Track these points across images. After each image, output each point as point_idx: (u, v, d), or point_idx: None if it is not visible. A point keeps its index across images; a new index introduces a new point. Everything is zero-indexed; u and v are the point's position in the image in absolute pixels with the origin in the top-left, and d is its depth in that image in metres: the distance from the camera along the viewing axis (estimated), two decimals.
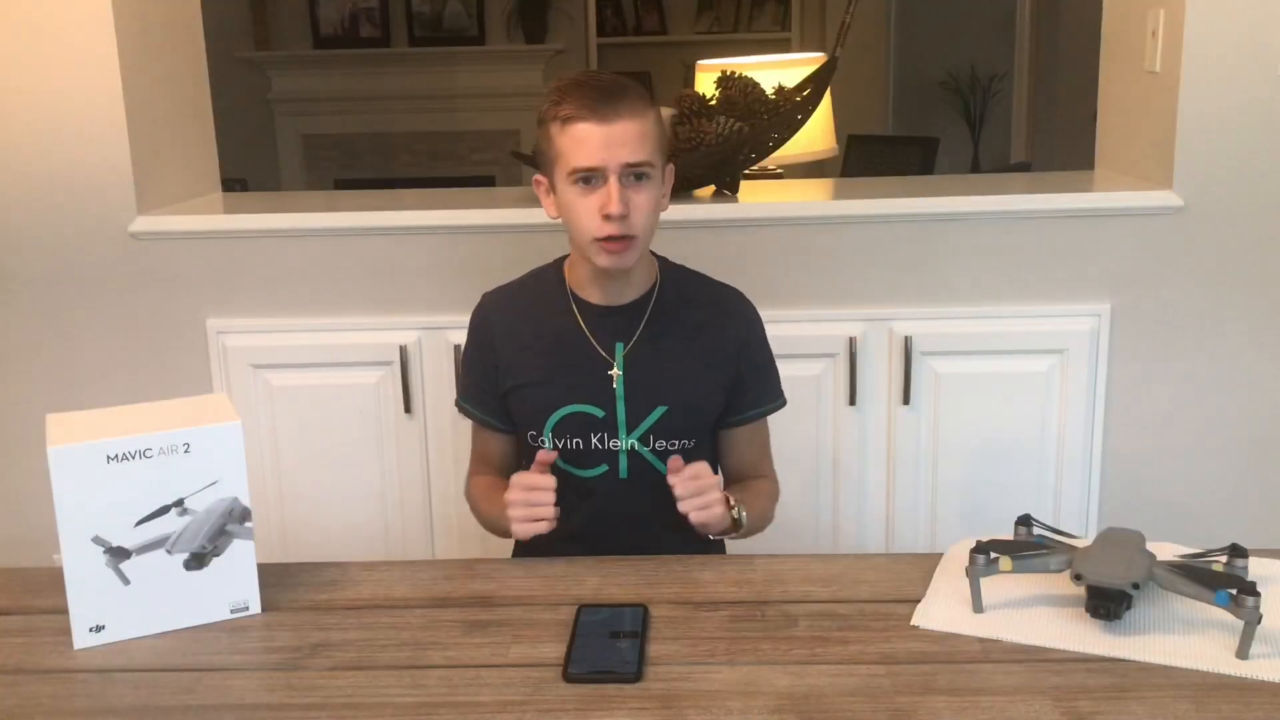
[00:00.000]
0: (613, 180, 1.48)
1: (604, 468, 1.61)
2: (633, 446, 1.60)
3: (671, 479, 1.47)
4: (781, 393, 1.71)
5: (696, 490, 1.47)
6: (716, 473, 1.74)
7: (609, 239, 1.50)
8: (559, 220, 1.58)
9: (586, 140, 1.48)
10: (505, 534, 1.61)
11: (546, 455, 1.51)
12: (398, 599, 1.39)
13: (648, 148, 1.51)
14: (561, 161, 1.51)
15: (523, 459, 1.70)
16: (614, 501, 1.62)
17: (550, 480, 1.47)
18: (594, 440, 1.59)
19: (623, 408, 1.59)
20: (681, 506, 1.46)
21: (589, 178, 1.50)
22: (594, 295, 1.61)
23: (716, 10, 6.65)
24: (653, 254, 1.64)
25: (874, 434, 2.39)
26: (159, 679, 1.23)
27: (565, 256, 1.66)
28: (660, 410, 1.59)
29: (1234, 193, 2.32)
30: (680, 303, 1.64)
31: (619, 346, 1.60)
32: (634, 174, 1.50)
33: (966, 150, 6.56)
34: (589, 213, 1.50)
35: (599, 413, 1.59)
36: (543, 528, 1.47)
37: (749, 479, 1.70)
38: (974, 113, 6.56)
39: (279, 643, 1.29)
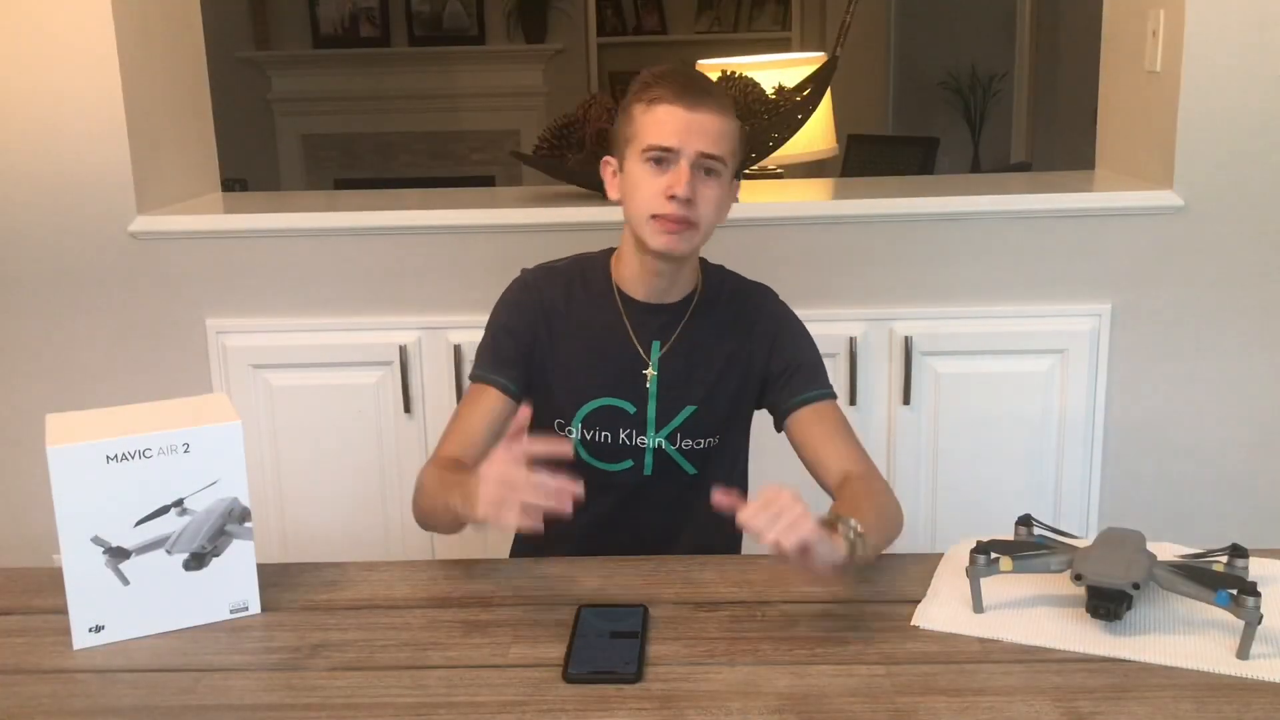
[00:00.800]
0: (684, 164, 1.48)
1: (629, 463, 1.60)
2: (660, 444, 1.59)
3: (742, 519, 1.22)
4: (827, 385, 1.62)
5: (774, 516, 1.22)
6: (738, 467, 1.72)
7: (667, 219, 1.48)
8: (618, 202, 1.57)
9: (668, 121, 1.48)
10: (448, 525, 1.46)
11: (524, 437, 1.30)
12: (398, 599, 1.39)
13: (724, 145, 1.50)
14: (638, 139, 1.51)
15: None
16: (635, 498, 1.61)
17: (531, 478, 1.25)
18: (622, 436, 1.59)
19: (654, 406, 1.59)
20: (767, 538, 1.20)
21: (661, 158, 1.49)
22: (638, 291, 1.60)
23: (716, 10, 6.66)
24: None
25: (874, 434, 2.39)
26: (158, 679, 1.22)
27: (612, 249, 1.65)
28: (689, 410, 1.59)
29: (1234, 193, 2.32)
30: (715, 303, 1.63)
31: (655, 345, 1.59)
32: (705, 166, 1.49)
33: (966, 150, 6.56)
34: (653, 191, 1.49)
35: (630, 408, 1.58)
36: (514, 521, 1.25)
37: (843, 483, 1.53)
38: (974, 113, 6.56)
39: (279, 643, 1.29)
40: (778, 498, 1.24)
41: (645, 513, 1.63)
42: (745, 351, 1.61)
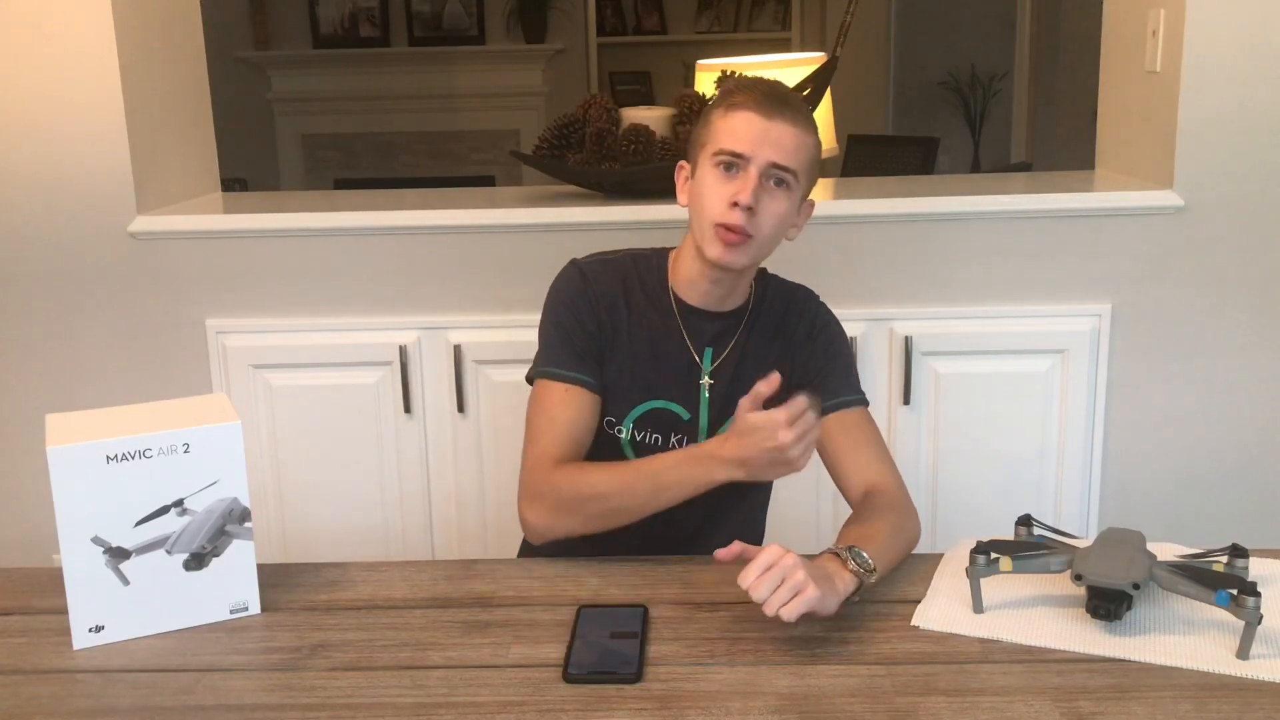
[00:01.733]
0: (753, 172, 1.47)
1: None
2: None
3: (743, 583, 1.23)
4: (858, 391, 1.60)
5: (773, 582, 1.23)
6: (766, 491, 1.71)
7: (728, 228, 1.48)
8: (686, 208, 1.56)
9: (743, 128, 1.48)
10: (639, 511, 1.46)
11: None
12: (398, 599, 1.39)
13: (798, 159, 1.49)
14: (711, 143, 1.50)
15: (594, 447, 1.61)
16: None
17: None
18: (673, 439, 1.58)
19: (706, 413, 1.58)
20: (768, 611, 1.22)
21: (732, 164, 1.48)
22: (694, 297, 1.58)
23: (716, 10, 6.66)
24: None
25: None
26: (158, 679, 1.22)
27: (668, 250, 1.64)
28: None
29: (1234, 193, 2.32)
30: (761, 309, 1.62)
31: (709, 352, 1.58)
32: (775, 178, 1.48)
33: (966, 150, 6.57)
34: (720, 197, 1.48)
35: (684, 414, 1.58)
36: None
37: (863, 497, 1.53)
38: (974, 113, 6.56)
39: (279, 643, 1.29)
40: (779, 562, 1.23)
41: (682, 515, 1.61)
42: (789, 356, 1.61)
